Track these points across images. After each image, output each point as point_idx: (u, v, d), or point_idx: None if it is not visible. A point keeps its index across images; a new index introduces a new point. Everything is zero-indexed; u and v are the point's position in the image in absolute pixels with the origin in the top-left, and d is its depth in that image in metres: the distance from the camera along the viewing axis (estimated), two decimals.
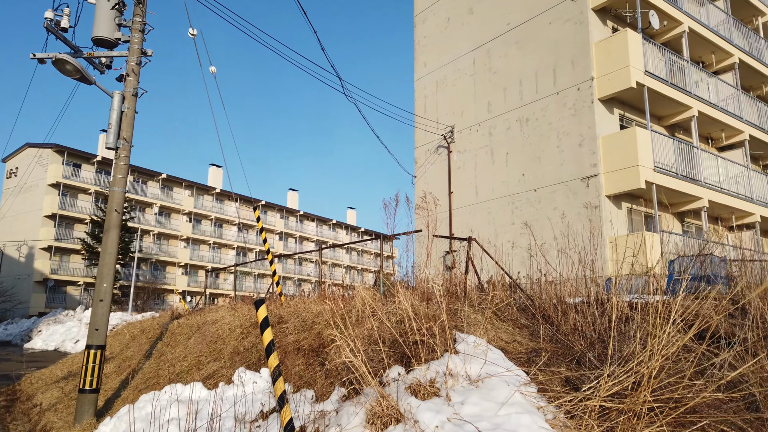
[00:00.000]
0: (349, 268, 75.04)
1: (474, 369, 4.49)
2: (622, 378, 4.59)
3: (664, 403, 4.57)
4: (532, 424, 3.55)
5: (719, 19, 18.84)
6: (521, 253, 13.74)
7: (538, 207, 16.17)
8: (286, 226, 71.42)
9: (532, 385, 4.42)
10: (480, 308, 6.97)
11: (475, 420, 3.62)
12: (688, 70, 16.77)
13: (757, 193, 17.58)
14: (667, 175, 14.84)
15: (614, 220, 14.63)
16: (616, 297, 6.52)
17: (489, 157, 18.06)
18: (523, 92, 17.27)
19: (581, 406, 4.26)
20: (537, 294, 7.67)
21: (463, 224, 18.32)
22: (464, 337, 5.30)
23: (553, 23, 16.58)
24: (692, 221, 17.15)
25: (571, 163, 15.51)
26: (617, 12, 16.32)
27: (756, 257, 11.81)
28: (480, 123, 18.57)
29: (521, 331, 6.20)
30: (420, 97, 21.31)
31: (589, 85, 15.37)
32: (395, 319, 5.95)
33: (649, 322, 5.59)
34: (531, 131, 16.80)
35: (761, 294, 6.99)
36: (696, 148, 16.16)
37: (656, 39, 16.90)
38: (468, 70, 19.37)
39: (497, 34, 18.40)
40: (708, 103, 17.05)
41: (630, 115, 16.22)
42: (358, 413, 4.17)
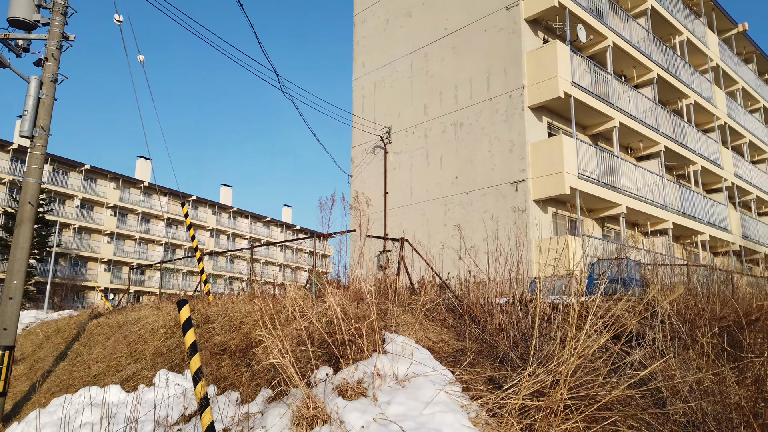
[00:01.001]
0: (283, 267, 74.00)
1: (401, 369, 4.54)
2: (542, 377, 4.77)
3: (580, 400, 4.80)
4: (455, 423, 3.64)
5: (641, 36, 20.00)
6: (452, 255, 14.04)
7: (470, 209, 16.58)
8: (219, 222, 69.52)
9: (457, 384, 4.52)
10: (410, 308, 7.07)
11: (400, 420, 3.66)
12: (612, 82, 17.69)
13: (670, 201, 18.80)
14: (589, 182, 15.59)
15: (540, 223, 15.22)
16: (540, 298, 6.79)
17: (424, 159, 18.33)
18: (458, 97, 17.64)
19: (503, 404, 4.41)
20: (465, 295, 7.86)
21: (398, 225, 18.50)
22: (393, 337, 5.35)
23: (488, 31, 17.05)
24: (612, 226, 18.12)
25: (501, 168, 16.00)
26: (548, 24, 16.99)
27: (667, 261, 12.63)
28: (416, 125, 18.81)
29: (449, 331, 6.33)
30: (358, 97, 21.33)
31: (520, 93, 15.91)
32: (325, 320, 5.93)
33: (570, 322, 5.86)
34: (465, 135, 17.19)
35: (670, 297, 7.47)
36: (617, 157, 17.07)
37: (583, 52, 17.73)
38: (406, 73, 19.58)
39: (435, 38, 18.71)
40: (629, 114, 18.05)
41: (557, 123, 16.93)
42: (284, 415, 4.12)
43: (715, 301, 8.00)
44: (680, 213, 19.05)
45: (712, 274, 10.09)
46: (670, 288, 8.80)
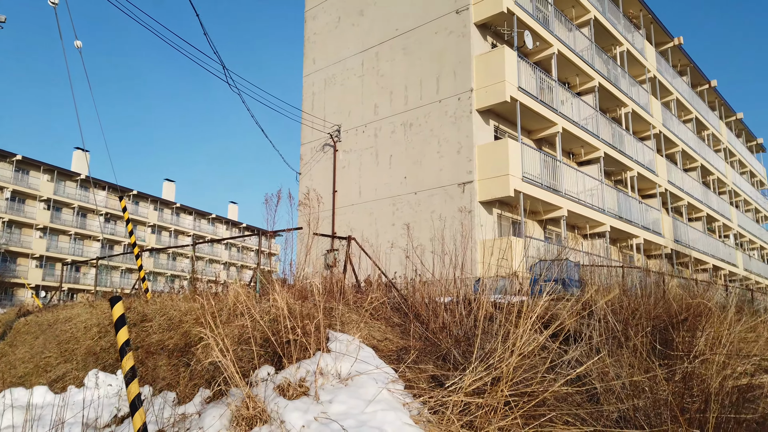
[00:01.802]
0: (228, 265, 72.42)
1: (345, 367, 4.51)
2: (483, 374, 4.85)
3: (519, 397, 4.90)
4: (396, 421, 3.64)
5: (584, 45, 20.73)
6: (400, 254, 14.11)
7: (418, 209, 16.72)
8: (161, 218, 67.32)
9: (400, 383, 4.54)
10: (356, 307, 7.05)
11: (341, 418, 3.63)
12: (556, 89, 18.25)
13: (608, 206, 19.57)
14: (533, 185, 16.03)
15: (485, 224, 15.53)
16: (483, 297, 6.91)
17: (374, 159, 18.35)
18: (408, 97, 17.75)
19: (445, 402, 4.45)
20: (411, 294, 7.91)
21: (346, 224, 18.44)
22: (338, 335, 5.31)
23: (439, 33, 17.24)
24: (553, 228, 18.70)
25: (449, 169, 16.21)
26: (497, 29, 17.35)
27: (604, 263, 13.13)
28: (366, 124, 18.81)
29: (394, 329, 6.35)
30: (308, 94, 21.13)
31: (468, 95, 16.18)
32: (269, 318, 5.82)
33: (511, 321, 5.98)
34: (414, 136, 17.32)
35: (606, 297, 7.76)
36: (559, 161, 17.63)
37: (530, 58, 18.21)
38: (357, 71, 19.54)
39: (386, 38, 18.76)
40: (571, 121, 18.67)
41: (504, 127, 17.32)
42: (223, 415, 4.01)
43: (648, 302, 8.38)
44: (617, 217, 19.87)
45: (646, 276, 10.57)
46: (606, 288, 9.15)
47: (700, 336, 7.29)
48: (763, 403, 5.46)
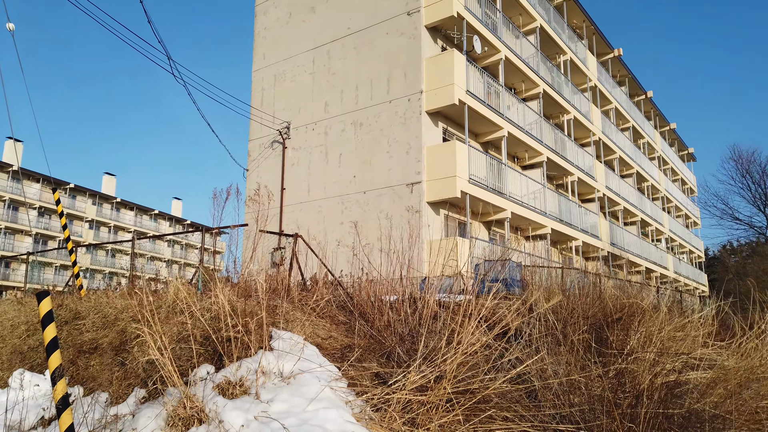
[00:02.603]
0: (170, 263, 70.22)
1: (287, 366, 4.45)
2: (426, 372, 4.90)
3: (462, 394, 4.98)
4: (338, 418, 3.62)
5: (530, 53, 21.30)
6: (348, 252, 14.07)
7: (367, 208, 16.73)
8: (99, 213, 64.54)
9: (343, 381, 4.52)
10: (301, 305, 6.97)
11: (282, 417, 3.58)
12: (503, 94, 18.67)
13: (550, 209, 20.20)
14: (479, 187, 16.34)
15: (432, 225, 15.71)
16: (428, 296, 6.98)
17: (323, 157, 18.23)
18: (359, 97, 17.74)
19: (387, 399, 4.46)
20: (357, 292, 7.90)
21: (294, 221, 18.24)
22: (281, 333, 5.24)
23: (390, 34, 17.31)
24: (498, 230, 19.12)
25: (398, 169, 16.31)
26: (447, 33, 17.59)
27: (545, 264, 13.54)
28: (316, 122, 18.66)
29: (338, 327, 6.32)
30: (257, 89, 20.77)
31: (418, 97, 16.32)
32: (210, 316, 5.67)
33: (456, 320, 6.07)
34: (364, 135, 17.32)
35: (546, 298, 8.00)
36: (504, 165, 18.05)
37: (478, 62, 18.55)
38: (307, 68, 19.36)
39: (337, 36, 18.68)
40: (517, 125, 19.15)
41: (452, 129, 17.57)
42: (159, 415, 3.87)
43: (586, 302, 8.69)
44: (558, 220, 20.53)
45: (584, 277, 10.96)
46: (547, 289, 9.44)
47: (633, 335, 7.61)
48: (690, 399, 5.75)
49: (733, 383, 6.32)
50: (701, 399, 5.81)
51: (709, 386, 6.18)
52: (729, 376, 6.50)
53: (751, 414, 5.80)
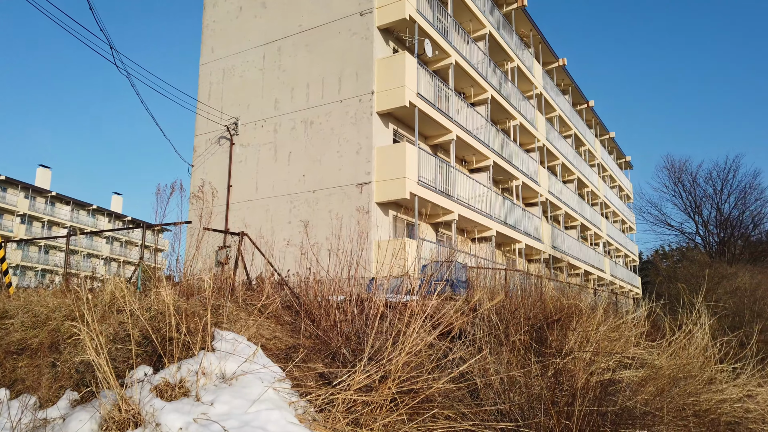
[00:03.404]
0: (108, 260, 67.45)
1: (230, 367, 4.36)
2: (372, 372, 4.91)
3: (406, 394, 5.02)
4: (280, 420, 3.58)
5: (479, 59, 21.73)
6: (296, 252, 13.93)
7: (316, 208, 16.62)
8: (32, 207, 61.27)
9: (287, 381, 4.47)
10: (245, 305, 6.85)
11: (223, 419, 3.51)
12: (452, 98, 18.96)
13: (495, 212, 20.66)
14: (428, 188, 16.53)
15: (381, 225, 15.78)
16: (375, 296, 7.01)
17: (272, 155, 17.99)
18: (309, 95, 17.60)
19: (332, 399, 4.45)
20: (304, 292, 7.83)
21: (241, 220, 17.91)
22: (224, 334, 5.13)
23: (342, 34, 17.27)
24: (445, 231, 19.40)
25: (348, 169, 16.29)
26: (399, 35, 17.70)
27: (489, 266, 13.84)
28: (266, 119, 18.39)
29: (284, 328, 6.25)
30: (205, 84, 20.27)
31: (369, 98, 16.35)
32: (150, 315, 5.49)
33: (402, 320, 6.11)
34: (314, 134, 17.21)
35: (490, 298, 8.18)
36: (453, 167, 18.33)
37: (429, 66, 18.77)
38: (257, 64, 19.05)
39: (289, 33, 18.47)
40: (465, 129, 19.49)
41: (402, 131, 17.70)
42: (92, 418, 3.72)
43: (527, 303, 8.95)
44: (503, 223, 21.03)
45: (526, 279, 11.28)
46: (491, 290, 9.65)
47: (571, 335, 7.89)
48: (622, 397, 6.01)
49: (662, 381, 6.65)
50: (633, 396, 6.08)
51: (641, 384, 6.48)
52: (659, 375, 6.84)
53: (678, 411, 6.12)
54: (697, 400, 6.52)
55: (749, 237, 36.50)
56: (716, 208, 37.03)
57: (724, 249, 34.99)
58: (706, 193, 37.63)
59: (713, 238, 36.90)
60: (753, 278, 19.77)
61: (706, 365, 7.63)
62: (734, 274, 20.22)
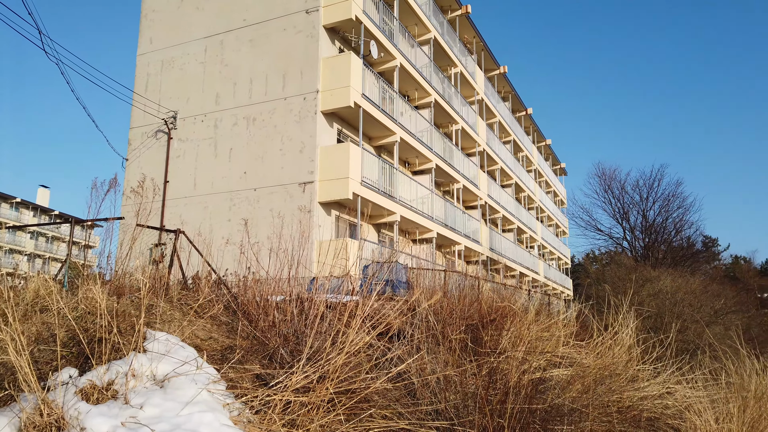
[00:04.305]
0: (33, 256, 63.72)
1: (162, 368, 4.24)
2: (310, 373, 4.89)
3: (344, 394, 5.03)
4: (214, 422, 3.51)
5: (424, 62, 22.03)
6: (235, 251, 13.65)
7: (257, 206, 16.36)
8: None
9: (222, 383, 4.39)
10: (180, 305, 6.66)
11: (153, 422, 3.40)
12: (397, 100, 19.13)
13: (436, 214, 21.00)
14: (371, 189, 16.60)
15: (323, 225, 15.71)
16: (315, 296, 6.98)
17: (212, 151, 17.55)
18: (252, 91, 17.30)
19: (268, 401, 4.40)
20: (242, 291, 7.69)
21: (178, 216, 17.37)
22: (157, 334, 4.97)
23: (287, 30, 17.09)
24: (387, 232, 19.55)
25: (291, 168, 16.12)
26: (345, 35, 17.70)
27: (429, 267, 14.06)
28: (206, 114, 17.93)
29: (220, 328, 6.12)
30: (142, 75, 19.53)
31: (314, 96, 16.25)
32: (77, 314, 5.24)
33: (342, 321, 6.12)
34: (257, 131, 16.93)
35: (429, 299, 8.31)
36: (396, 169, 18.50)
37: (374, 67, 18.85)
38: (199, 57, 18.55)
39: (232, 27, 18.10)
40: (409, 132, 19.70)
41: (346, 131, 17.70)
42: (10, 423, 3.52)
43: (464, 303, 9.16)
44: (444, 225, 21.41)
45: (464, 280, 11.53)
46: (430, 291, 9.81)
47: (505, 335, 8.14)
48: (552, 394, 6.26)
49: (589, 379, 6.97)
50: (562, 394, 6.35)
51: (569, 382, 6.77)
52: (586, 373, 7.17)
53: (603, 408, 6.44)
54: (621, 398, 6.88)
55: (671, 242, 38.82)
56: (642, 215, 39.17)
57: (649, 253, 37.04)
58: (633, 200, 39.76)
59: (639, 243, 39.01)
60: (674, 282, 21.02)
61: (629, 364, 8.06)
62: (657, 278, 21.43)
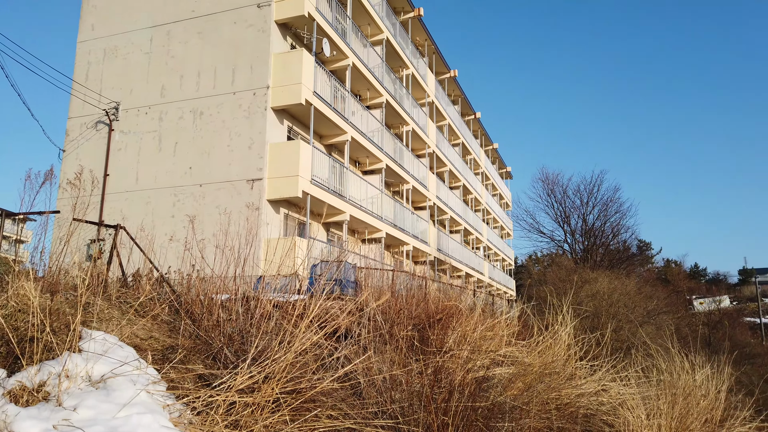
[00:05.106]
0: None
1: (98, 369, 4.07)
2: (255, 373, 4.82)
3: (290, 394, 4.98)
4: (153, 424, 3.40)
5: (376, 63, 22.07)
6: (179, 248, 13.26)
7: (203, 202, 15.95)
8: None
9: (163, 383, 4.26)
10: (119, 303, 6.42)
11: (88, 425, 3.26)
12: (348, 99, 19.09)
13: (386, 214, 21.09)
14: (321, 188, 16.50)
15: (271, 223, 15.49)
16: (262, 295, 6.87)
17: (156, 144, 16.99)
18: (200, 84, 16.87)
19: (211, 402, 4.30)
20: (186, 290, 7.49)
21: (118, 211, 16.72)
22: (93, 334, 4.77)
23: (238, 24, 16.75)
24: (336, 231, 19.47)
25: (239, 164, 15.82)
26: (297, 31, 17.51)
27: (378, 267, 14.11)
28: (150, 106, 17.34)
29: (161, 327, 5.94)
30: (82, 63, 18.68)
31: (264, 92, 16.00)
32: (6, 312, 4.97)
33: (289, 320, 6.05)
34: (204, 125, 16.51)
35: (377, 298, 8.34)
36: (346, 168, 18.45)
37: (326, 65, 18.74)
38: (144, 47, 17.91)
39: (180, 18, 17.58)
40: (360, 131, 19.70)
41: (297, 128, 17.51)
42: None
43: (412, 303, 9.25)
44: (393, 225, 21.53)
45: (412, 280, 11.63)
46: (377, 290, 9.85)
47: (451, 334, 8.28)
48: (494, 392, 6.41)
49: (530, 378, 7.18)
50: (504, 392, 6.51)
51: (511, 381, 6.95)
52: (527, 372, 7.38)
53: (543, 405, 6.65)
54: (560, 395, 7.12)
55: (609, 245, 40.46)
56: (582, 219, 40.65)
57: (588, 256, 38.47)
58: (574, 204, 41.20)
59: (579, 245, 40.46)
60: (610, 283, 21.92)
61: (568, 363, 8.36)
62: (595, 279, 22.30)
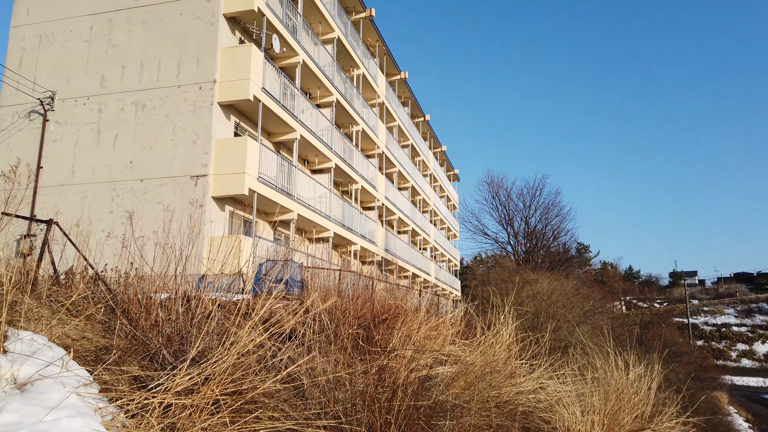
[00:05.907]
0: None
1: (25, 371, 3.86)
2: (194, 374, 4.70)
3: (231, 396, 4.88)
4: (83, 427, 3.26)
5: (327, 62, 21.96)
6: (117, 245, 12.76)
7: (143, 198, 15.43)
8: None
9: (95, 386, 4.09)
10: (50, 302, 6.12)
11: (11, 429, 3.09)
12: (298, 97, 18.90)
13: (334, 213, 21.01)
14: (268, 186, 16.26)
15: (216, 221, 15.15)
16: (204, 295, 6.71)
17: (94, 137, 16.30)
18: (143, 76, 16.30)
19: (147, 404, 4.16)
20: (123, 289, 7.22)
21: (52, 206, 15.95)
22: (20, 333, 4.53)
23: (184, 15, 16.30)
24: (283, 230, 19.24)
25: (183, 159, 15.39)
26: (246, 26, 17.20)
27: (325, 266, 14.04)
28: (89, 96, 16.62)
29: (95, 327, 5.70)
30: (16, 49, 17.71)
31: (211, 86, 15.63)
32: None
33: (232, 320, 5.94)
34: (147, 119, 15.97)
35: (323, 299, 8.31)
36: (295, 166, 18.27)
37: (276, 62, 18.50)
38: (83, 35, 17.15)
39: (123, 6, 16.94)
40: (309, 130, 19.55)
41: (244, 125, 17.20)
42: None
43: (358, 303, 9.26)
44: (341, 224, 21.48)
45: (359, 280, 11.64)
46: (324, 290, 9.81)
47: (396, 333, 8.34)
48: (437, 391, 6.50)
49: (471, 376, 7.32)
50: (446, 391, 6.61)
51: (453, 379, 7.07)
52: (469, 371, 7.52)
53: (483, 403, 6.79)
54: (500, 393, 7.30)
55: (550, 248, 41.82)
56: (525, 222, 41.86)
57: (530, 257, 39.62)
58: (517, 207, 42.39)
59: (521, 247, 41.61)
60: (550, 284, 22.64)
61: (509, 361, 8.58)
62: (536, 280, 22.97)
